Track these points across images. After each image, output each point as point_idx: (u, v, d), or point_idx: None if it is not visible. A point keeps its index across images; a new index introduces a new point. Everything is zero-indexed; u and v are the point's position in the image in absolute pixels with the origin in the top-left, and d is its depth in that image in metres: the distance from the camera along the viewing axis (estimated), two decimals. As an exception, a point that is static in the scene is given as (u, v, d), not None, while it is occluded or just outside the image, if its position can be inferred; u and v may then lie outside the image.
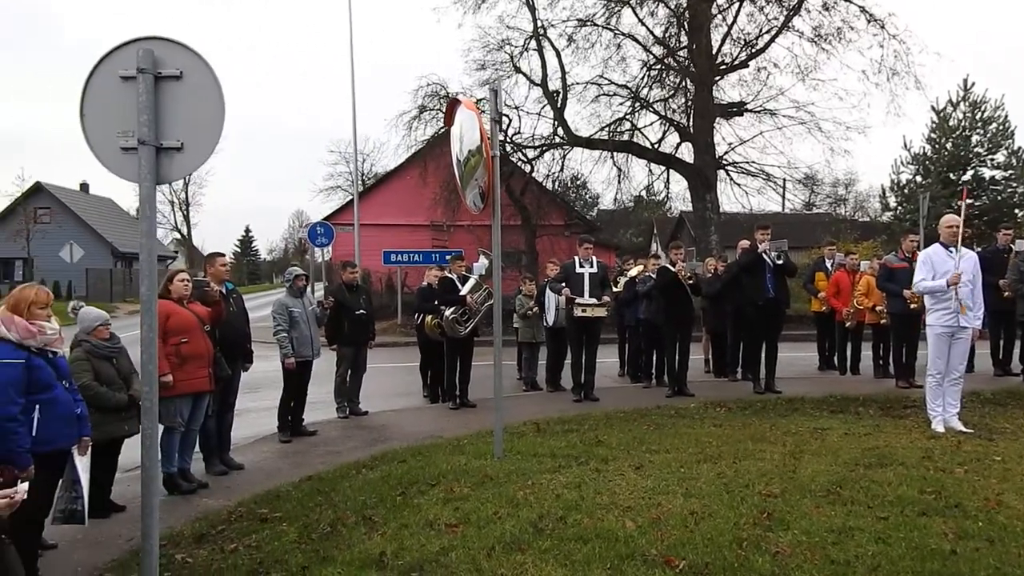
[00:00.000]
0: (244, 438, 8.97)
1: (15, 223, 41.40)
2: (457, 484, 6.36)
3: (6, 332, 4.80)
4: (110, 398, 6.05)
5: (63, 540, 5.64)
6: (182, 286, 7.01)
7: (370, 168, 50.16)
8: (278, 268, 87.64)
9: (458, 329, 10.46)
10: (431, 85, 26.00)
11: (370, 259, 25.27)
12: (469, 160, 7.22)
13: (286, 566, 4.87)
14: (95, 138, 4.46)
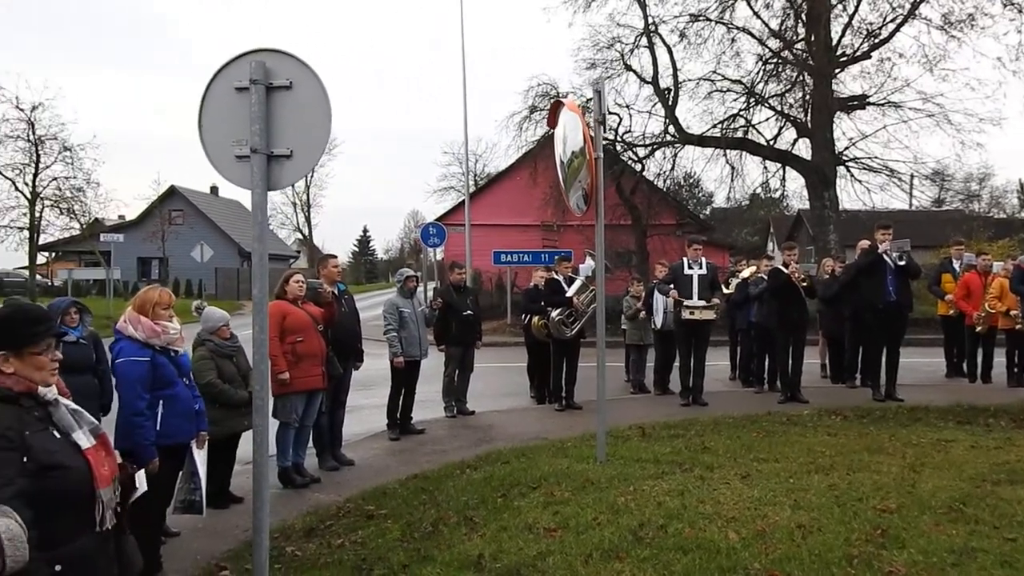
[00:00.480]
0: (355, 435, 9.23)
1: (152, 225, 43.90)
2: (558, 488, 6.34)
3: (133, 331, 5.11)
4: (233, 395, 6.34)
5: (184, 529, 5.95)
6: (297, 287, 7.27)
7: (482, 169, 50.82)
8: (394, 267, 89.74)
9: (564, 330, 10.44)
10: (541, 85, 26.10)
11: (481, 259, 25.56)
12: (572, 162, 7.20)
13: (388, 564, 4.98)
14: (212, 147, 4.67)
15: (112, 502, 2.80)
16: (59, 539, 2.57)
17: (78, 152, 34.10)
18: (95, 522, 2.72)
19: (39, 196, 33.83)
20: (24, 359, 2.73)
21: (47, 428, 2.73)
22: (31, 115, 32.66)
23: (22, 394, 2.71)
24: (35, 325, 2.79)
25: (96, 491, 2.72)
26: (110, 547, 2.83)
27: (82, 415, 2.87)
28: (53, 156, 33.76)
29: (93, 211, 36.26)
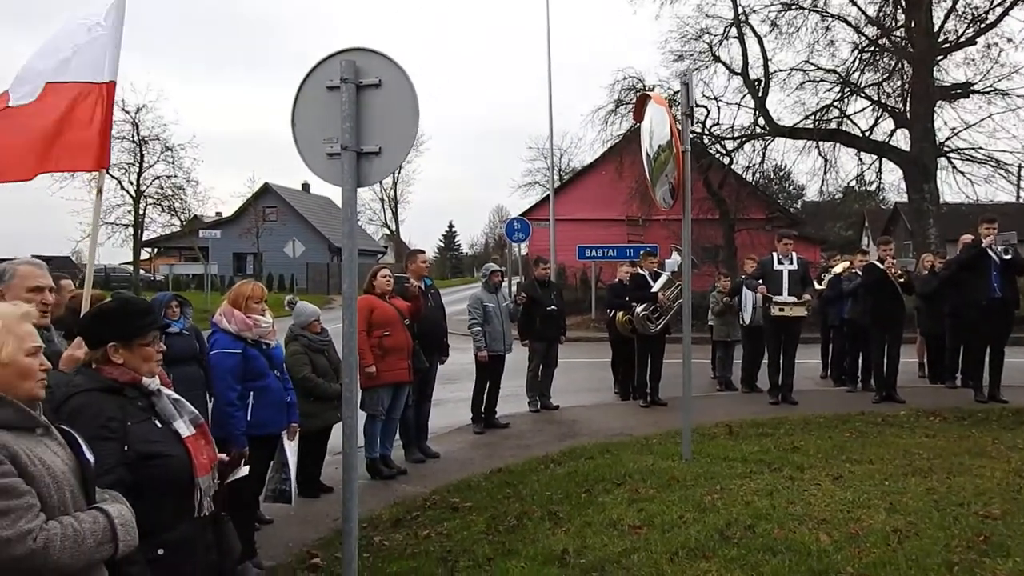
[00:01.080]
0: (440, 427, 9.34)
1: (246, 221, 45.36)
2: (643, 485, 6.29)
3: (226, 324, 5.30)
4: (326, 389, 6.49)
5: (277, 517, 6.14)
6: (384, 281, 7.40)
7: (567, 163, 50.61)
8: (479, 262, 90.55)
9: (649, 326, 10.33)
10: (627, 79, 25.86)
11: (565, 254, 25.51)
12: (659, 155, 7.11)
13: (473, 556, 5.03)
14: (304, 145, 4.80)
15: (210, 489, 2.90)
16: (161, 525, 2.68)
17: (179, 152, 35.65)
18: (194, 509, 2.82)
19: (143, 194, 35.46)
20: (132, 350, 2.85)
21: (150, 418, 2.84)
22: (136, 117, 34.27)
23: (127, 384, 2.83)
24: (142, 317, 2.91)
25: (195, 479, 2.82)
26: (209, 533, 2.93)
27: (183, 405, 2.99)
28: (156, 156, 35.39)
29: (192, 208, 37.83)
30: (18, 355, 2.21)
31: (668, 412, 9.97)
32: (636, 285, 10.60)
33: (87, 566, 2.22)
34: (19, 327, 2.24)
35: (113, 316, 2.93)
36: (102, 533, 2.23)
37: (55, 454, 2.27)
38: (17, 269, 3.62)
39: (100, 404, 2.72)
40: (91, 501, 2.32)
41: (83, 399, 2.74)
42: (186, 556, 2.79)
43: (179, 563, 2.74)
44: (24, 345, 2.24)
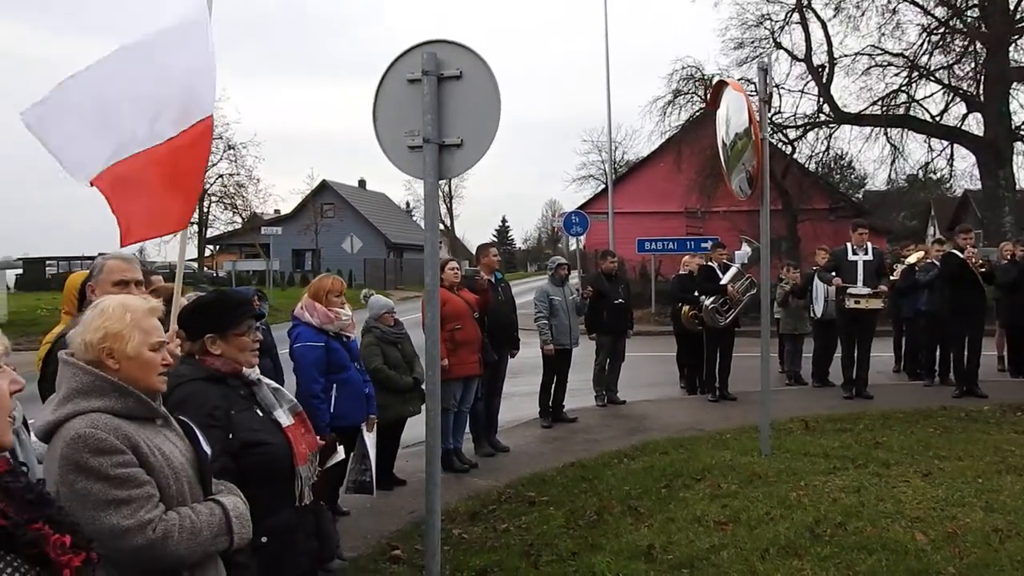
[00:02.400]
0: (508, 421, 9.31)
1: (305, 218, 46.03)
2: (724, 480, 6.17)
3: (309, 318, 5.34)
4: (398, 381, 6.50)
5: (354, 508, 6.17)
6: (452, 274, 7.38)
7: (622, 156, 50.20)
8: (532, 256, 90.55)
9: (718, 319, 10.15)
10: (686, 68, 25.52)
11: (624, 247, 25.20)
12: (736, 144, 6.96)
13: (556, 550, 4.98)
14: (386, 138, 4.79)
15: (310, 478, 2.92)
16: (264, 512, 2.69)
17: (241, 150, 36.31)
18: (295, 497, 2.84)
19: (207, 192, 36.19)
20: (229, 341, 2.88)
21: (251, 407, 2.87)
22: (199, 116, 34.88)
23: (228, 374, 2.86)
24: (237, 308, 2.94)
25: (296, 467, 2.84)
26: (309, 522, 2.94)
27: (282, 394, 3.01)
28: (219, 154, 36.07)
29: (253, 206, 38.54)
30: (143, 349, 2.24)
31: (738, 407, 9.79)
32: (705, 277, 10.43)
33: (203, 557, 2.24)
34: (145, 321, 2.26)
35: (210, 308, 2.97)
36: (218, 525, 2.24)
37: (174, 445, 2.29)
38: (105, 263, 3.67)
39: (205, 393, 2.76)
40: (207, 493, 2.33)
41: (189, 389, 2.77)
42: (288, 543, 2.80)
43: (282, 550, 2.77)
44: (149, 339, 2.26)
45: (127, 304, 2.27)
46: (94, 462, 2.06)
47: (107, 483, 2.06)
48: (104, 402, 2.15)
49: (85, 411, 2.12)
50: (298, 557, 2.85)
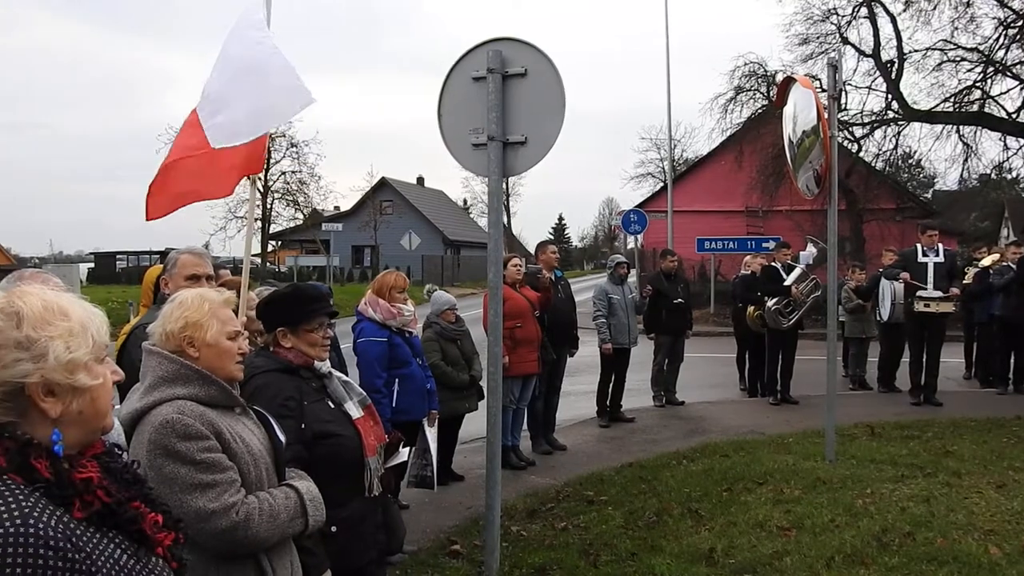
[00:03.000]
0: (565, 420, 9.29)
1: (364, 215, 46.57)
2: (786, 485, 6.07)
3: (372, 313, 5.40)
4: (454, 377, 6.52)
5: (413, 502, 6.23)
6: (515, 271, 7.38)
7: (681, 154, 49.69)
8: (588, 255, 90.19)
9: (781, 321, 9.97)
10: (748, 64, 25.06)
11: (682, 246, 24.90)
12: (803, 141, 6.82)
13: (615, 550, 4.95)
14: (450, 136, 4.82)
15: (379, 470, 2.95)
16: (333, 502, 2.73)
17: (303, 148, 36.91)
18: (364, 488, 2.88)
19: (270, 189, 36.90)
20: (300, 335, 2.93)
21: (323, 399, 2.92)
22: (263, 114, 35.59)
23: (301, 366, 2.91)
24: (310, 304, 2.99)
25: (365, 459, 2.88)
26: (378, 514, 2.98)
27: (352, 387, 3.06)
28: (282, 152, 36.72)
29: (314, 202, 39.12)
30: (220, 338, 2.30)
31: (800, 411, 9.62)
32: (768, 278, 10.25)
33: (280, 540, 2.29)
34: (221, 312, 2.33)
35: (282, 302, 3.02)
36: (294, 508, 2.30)
37: (252, 433, 2.35)
38: (179, 258, 3.77)
39: (279, 384, 2.82)
40: (282, 479, 2.39)
41: (263, 379, 2.83)
42: (357, 534, 2.85)
43: (350, 540, 2.81)
44: (226, 329, 2.33)
45: (205, 295, 2.35)
46: (181, 447, 2.13)
47: (194, 467, 2.13)
48: (188, 389, 2.22)
49: (170, 398, 2.20)
50: (366, 547, 2.90)
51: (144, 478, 1.51)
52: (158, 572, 1.40)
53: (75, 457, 1.36)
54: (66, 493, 1.28)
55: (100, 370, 1.39)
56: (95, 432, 1.42)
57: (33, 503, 1.23)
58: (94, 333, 1.38)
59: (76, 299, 1.41)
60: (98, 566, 1.26)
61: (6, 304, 1.32)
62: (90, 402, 1.37)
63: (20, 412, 1.30)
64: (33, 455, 1.27)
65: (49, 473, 1.27)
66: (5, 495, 1.22)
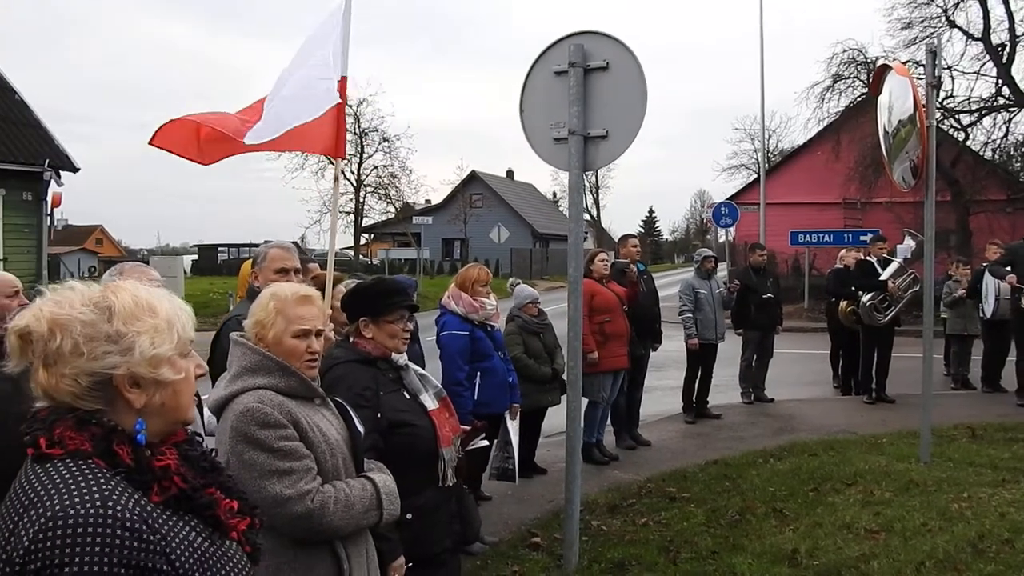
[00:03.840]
0: (650, 415, 9.23)
1: (455, 208, 47.10)
2: (877, 487, 5.87)
3: (455, 307, 5.48)
4: (536, 370, 6.55)
5: (495, 494, 6.30)
6: (602, 266, 7.35)
7: (776, 144, 48.41)
8: (679, 248, 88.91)
9: (876, 317, 9.63)
10: (847, 51, 24.19)
11: (775, 240, 24.37)
12: (899, 131, 6.56)
13: (696, 548, 4.91)
14: (532, 130, 4.86)
15: (453, 461, 3.01)
16: (408, 491, 2.80)
17: (395, 142, 37.63)
18: (438, 478, 2.94)
19: (362, 183, 37.73)
20: (380, 326, 3.00)
21: (399, 389, 2.99)
22: (357, 110, 36.44)
23: (378, 358, 2.99)
24: (391, 297, 3.05)
25: (439, 449, 2.93)
26: (452, 504, 3.04)
27: (428, 379, 3.12)
28: (374, 147, 37.53)
29: (406, 196, 39.81)
30: (284, 337, 2.38)
31: (896, 410, 9.29)
32: (863, 272, 9.91)
33: (355, 530, 2.36)
34: (291, 310, 2.40)
35: (365, 294, 3.10)
36: (369, 500, 2.37)
37: (330, 423, 2.43)
38: (268, 252, 3.92)
39: (356, 374, 2.90)
40: (359, 470, 2.47)
41: (342, 370, 2.92)
42: (432, 523, 2.91)
43: (425, 529, 2.87)
44: (291, 328, 2.39)
45: (276, 293, 2.43)
46: (260, 434, 2.23)
47: (272, 454, 2.23)
48: (269, 380, 2.32)
49: (252, 388, 2.30)
50: (440, 536, 2.96)
51: (220, 466, 1.59)
52: (231, 555, 1.47)
53: (156, 445, 1.44)
54: (145, 478, 1.37)
55: (183, 365, 1.47)
56: (176, 423, 1.50)
57: (113, 486, 1.32)
58: (179, 329, 1.46)
59: (165, 295, 1.49)
60: (172, 547, 1.34)
61: (100, 299, 1.40)
62: (172, 395, 1.45)
63: (108, 401, 1.39)
64: (116, 441, 1.36)
65: (130, 459, 1.36)
66: (88, 478, 1.31)
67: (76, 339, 1.35)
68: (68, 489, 1.29)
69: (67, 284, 1.43)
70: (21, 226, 15.47)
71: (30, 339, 1.35)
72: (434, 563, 2.93)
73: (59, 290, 1.41)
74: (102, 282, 3.23)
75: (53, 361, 1.35)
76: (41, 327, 1.34)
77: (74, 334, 1.35)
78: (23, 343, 1.36)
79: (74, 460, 1.33)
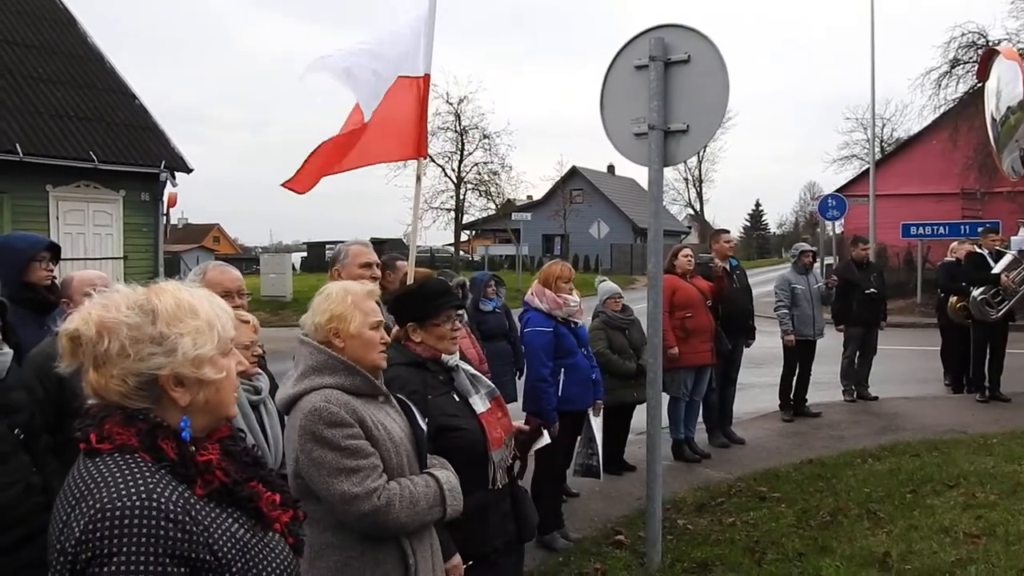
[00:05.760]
0: (746, 413, 9.05)
1: (555, 204, 47.02)
2: (981, 489, 5.60)
3: (538, 303, 5.52)
4: (620, 366, 6.53)
5: (583, 491, 6.33)
6: (685, 261, 7.28)
7: (890, 134, 46.33)
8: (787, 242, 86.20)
9: (988, 312, 9.15)
10: (965, 35, 23.00)
11: (887, 232, 23.39)
12: (1008, 119, 6.23)
13: (782, 549, 4.81)
14: (612, 126, 4.85)
15: (504, 462, 3.01)
16: None
17: (495, 139, 37.92)
18: (488, 480, 2.96)
19: (463, 180, 38.21)
20: (428, 330, 3.02)
21: (449, 392, 3.01)
22: (458, 108, 36.95)
23: (428, 359, 3.02)
24: (435, 299, 3.05)
25: (489, 452, 2.95)
26: (505, 504, 3.04)
27: (480, 380, 3.13)
28: (474, 144, 37.92)
29: (506, 192, 40.08)
30: (364, 328, 2.47)
31: (1011, 409, 8.81)
32: (974, 266, 9.41)
33: (420, 527, 2.43)
34: (364, 303, 2.50)
35: (410, 298, 3.13)
36: (433, 497, 2.43)
37: (394, 421, 2.51)
38: (350, 249, 4.09)
39: (405, 377, 2.91)
40: (423, 466, 2.53)
41: (392, 372, 2.92)
42: (481, 523, 2.91)
43: (474, 529, 2.88)
44: (368, 320, 2.49)
45: (348, 288, 2.53)
46: (328, 433, 2.31)
47: (339, 453, 2.31)
48: (335, 379, 2.41)
49: (319, 387, 2.39)
50: (490, 536, 2.97)
51: (263, 460, 1.67)
52: (273, 546, 1.54)
53: (200, 440, 1.53)
54: (189, 472, 1.45)
55: (225, 363, 1.54)
56: (220, 419, 1.58)
57: (158, 480, 1.40)
58: (220, 330, 1.53)
59: (207, 296, 1.57)
60: (215, 538, 1.42)
61: (145, 301, 1.48)
62: (215, 392, 1.53)
63: (154, 400, 1.48)
64: (161, 436, 1.45)
65: (174, 453, 1.44)
66: (134, 471, 1.40)
67: (123, 341, 1.43)
68: (116, 482, 1.37)
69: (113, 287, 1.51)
70: (140, 225, 16.34)
71: (79, 342, 1.43)
72: (484, 563, 2.95)
73: (106, 293, 1.49)
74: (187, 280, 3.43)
75: (102, 362, 1.44)
76: (89, 330, 1.43)
77: (120, 336, 1.43)
78: (73, 345, 1.44)
79: (121, 455, 1.42)
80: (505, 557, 3.06)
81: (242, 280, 3.48)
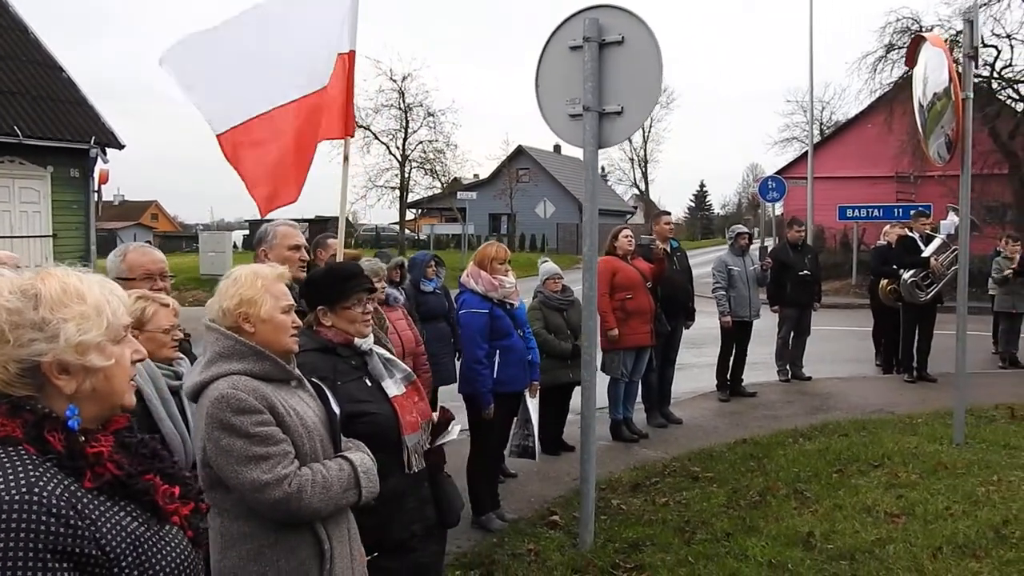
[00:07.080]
0: (684, 392, 9.16)
1: (501, 183, 46.93)
2: (904, 469, 5.76)
3: (474, 285, 5.48)
4: (556, 346, 6.53)
5: (522, 471, 6.33)
6: (626, 242, 7.31)
7: (828, 117, 47.28)
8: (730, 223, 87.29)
9: (917, 294, 9.40)
10: (900, 20, 23.44)
11: (824, 214, 23.89)
12: (934, 105, 6.35)
13: (711, 529, 4.88)
14: (548, 106, 4.81)
15: (419, 447, 2.97)
16: None
17: (440, 117, 37.55)
18: (403, 465, 2.92)
19: (407, 158, 37.82)
20: (338, 314, 2.95)
21: (360, 377, 2.95)
22: (401, 85, 36.47)
23: (340, 345, 2.96)
24: (345, 282, 2.98)
25: (402, 436, 2.91)
26: (423, 490, 3.01)
27: (395, 364, 3.08)
28: (419, 121, 37.51)
29: (451, 171, 39.80)
30: (275, 312, 2.40)
31: (937, 389, 9.07)
32: (905, 249, 9.65)
33: (335, 511, 2.38)
34: (275, 287, 2.43)
35: (319, 281, 3.06)
36: (347, 480, 2.38)
37: (307, 405, 2.45)
38: (277, 230, 3.95)
39: (313, 363, 2.83)
40: (338, 450, 2.48)
41: (300, 359, 2.85)
42: (395, 508, 2.88)
43: (389, 514, 2.84)
44: (280, 303, 2.43)
45: (258, 271, 2.45)
46: (236, 420, 2.25)
47: (248, 440, 2.24)
48: (243, 365, 2.34)
49: (227, 373, 2.32)
50: (407, 522, 2.93)
51: (162, 452, 1.61)
52: (169, 539, 1.49)
53: (92, 431, 1.46)
54: (77, 464, 1.39)
55: (115, 351, 1.48)
56: (112, 408, 1.52)
57: (40, 473, 1.34)
58: (109, 316, 1.46)
59: (97, 281, 1.50)
60: (103, 532, 1.36)
61: (29, 286, 1.42)
62: (104, 380, 1.47)
63: (38, 387, 1.41)
64: (48, 428, 1.38)
65: (61, 446, 1.38)
66: (16, 464, 1.34)
67: (2, 326, 1.37)
68: None
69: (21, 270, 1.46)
70: (70, 202, 15.83)
71: None
72: (402, 549, 2.91)
73: None
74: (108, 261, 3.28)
75: None
76: None
77: (0, 321, 1.37)
78: None
79: (3, 447, 1.36)
80: (425, 543, 3.02)
81: (165, 262, 3.36)
